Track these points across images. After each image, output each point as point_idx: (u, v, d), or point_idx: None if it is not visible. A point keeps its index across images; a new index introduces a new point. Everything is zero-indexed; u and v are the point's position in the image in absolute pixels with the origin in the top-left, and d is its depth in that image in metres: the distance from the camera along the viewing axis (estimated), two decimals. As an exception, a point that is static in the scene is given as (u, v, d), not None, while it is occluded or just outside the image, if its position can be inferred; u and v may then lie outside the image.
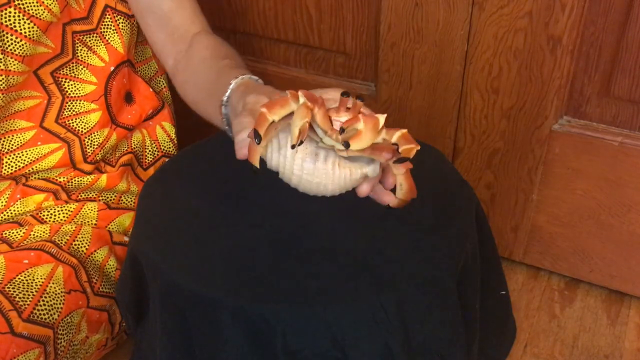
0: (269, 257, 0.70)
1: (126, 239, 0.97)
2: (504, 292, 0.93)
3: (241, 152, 0.62)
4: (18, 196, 0.94)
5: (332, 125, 0.59)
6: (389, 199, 0.64)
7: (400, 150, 0.59)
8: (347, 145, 0.57)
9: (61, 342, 0.83)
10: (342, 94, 0.60)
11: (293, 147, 0.57)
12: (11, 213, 0.94)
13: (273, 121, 0.58)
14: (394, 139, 0.59)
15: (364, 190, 0.63)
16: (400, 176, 0.61)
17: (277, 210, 0.76)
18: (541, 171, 1.13)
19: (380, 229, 0.74)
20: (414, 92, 1.16)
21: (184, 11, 0.92)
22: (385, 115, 0.59)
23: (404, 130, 0.60)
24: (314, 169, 0.59)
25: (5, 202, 0.94)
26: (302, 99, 0.56)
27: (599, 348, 1.11)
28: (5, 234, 0.89)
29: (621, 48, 0.98)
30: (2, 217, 0.94)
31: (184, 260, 0.71)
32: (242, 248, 0.72)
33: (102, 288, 0.90)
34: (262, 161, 0.61)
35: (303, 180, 0.60)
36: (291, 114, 0.58)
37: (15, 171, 0.95)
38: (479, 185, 1.19)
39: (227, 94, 0.73)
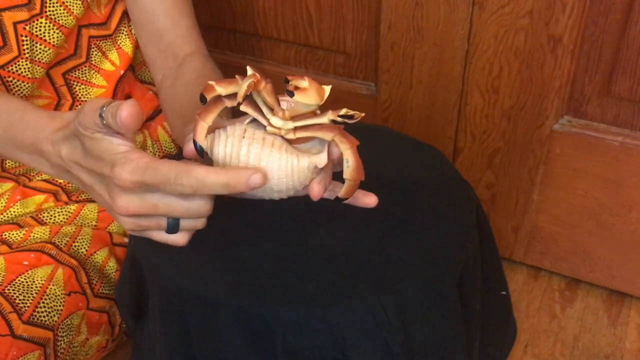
0: (269, 257, 0.70)
1: (126, 240, 0.96)
2: (504, 293, 0.93)
3: (187, 146, 0.60)
4: (18, 197, 0.94)
5: (279, 104, 0.59)
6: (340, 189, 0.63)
7: (338, 115, 0.59)
8: (291, 94, 0.57)
9: (61, 344, 0.83)
10: (284, 81, 0.60)
11: (239, 104, 0.57)
12: (11, 214, 0.94)
13: (220, 96, 0.58)
14: (339, 117, 0.60)
15: (315, 190, 0.61)
16: (347, 151, 0.60)
17: (277, 211, 0.76)
18: (542, 171, 1.13)
19: (380, 229, 0.73)
20: (414, 91, 1.15)
21: (179, 30, 0.91)
22: (330, 86, 0.59)
23: (348, 109, 0.60)
24: (260, 153, 0.59)
25: (5, 203, 0.94)
26: (250, 70, 0.57)
27: (599, 348, 1.11)
28: (5, 235, 0.89)
29: (622, 48, 0.98)
30: (2, 218, 0.94)
31: (183, 260, 0.71)
32: (242, 248, 0.72)
33: (102, 290, 0.90)
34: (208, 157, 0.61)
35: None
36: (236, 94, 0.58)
37: (18, 165, 0.95)
38: (480, 185, 1.19)
39: None
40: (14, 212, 0.94)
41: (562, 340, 1.12)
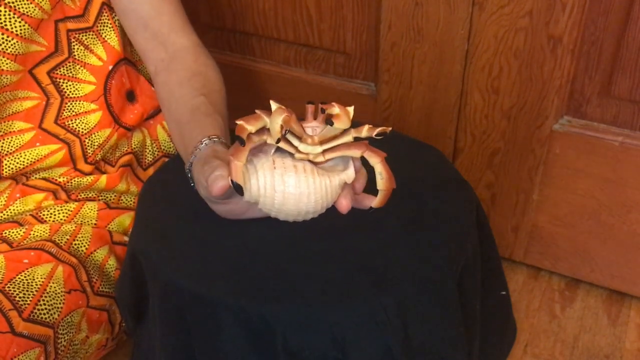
0: (269, 257, 0.70)
1: (126, 238, 0.96)
2: (504, 293, 0.93)
3: (216, 185, 0.63)
4: (17, 195, 0.94)
5: (304, 131, 0.62)
6: (370, 201, 0.67)
7: (374, 134, 0.63)
8: (330, 122, 0.61)
9: (61, 342, 0.83)
10: (307, 103, 0.63)
11: (278, 141, 0.60)
12: (11, 212, 0.94)
13: (250, 133, 0.60)
14: (363, 134, 0.63)
15: (344, 205, 0.65)
16: (377, 165, 0.64)
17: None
18: (542, 171, 1.13)
19: (380, 229, 0.74)
20: (414, 92, 1.15)
21: (162, 17, 0.91)
22: (352, 107, 0.63)
23: (370, 125, 0.64)
24: (296, 180, 0.62)
25: (5, 201, 0.94)
26: (274, 105, 0.60)
27: (599, 348, 1.11)
28: (5, 233, 0.89)
29: (621, 48, 0.98)
30: (1, 217, 0.94)
31: (184, 260, 0.71)
32: (242, 248, 0.72)
33: (102, 288, 0.90)
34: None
35: (286, 195, 0.62)
36: (263, 129, 0.61)
37: (15, 172, 0.95)
38: (480, 185, 1.19)
39: (191, 160, 0.72)
40: (14, 210, 0.94)
41: (562, 340, 1.12)
